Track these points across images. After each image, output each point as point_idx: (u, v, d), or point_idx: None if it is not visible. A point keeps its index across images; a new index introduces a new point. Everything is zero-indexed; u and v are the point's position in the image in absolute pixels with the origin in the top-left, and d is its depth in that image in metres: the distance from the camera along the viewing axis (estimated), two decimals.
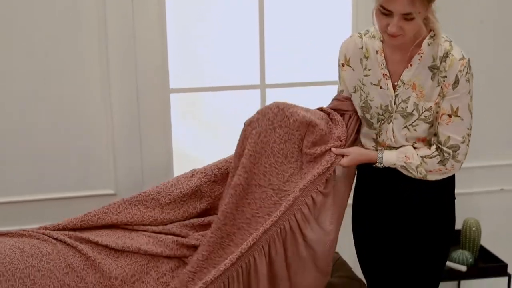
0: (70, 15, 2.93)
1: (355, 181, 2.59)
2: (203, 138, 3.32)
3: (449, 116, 2.26)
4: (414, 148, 2.35)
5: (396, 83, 2.32)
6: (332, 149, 2.40)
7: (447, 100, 2.26)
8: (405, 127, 2.33)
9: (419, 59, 2.26)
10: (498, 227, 3.59)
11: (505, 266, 3.20)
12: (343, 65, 2.45)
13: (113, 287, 2.39)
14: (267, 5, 3.15)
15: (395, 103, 2.33)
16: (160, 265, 2.48)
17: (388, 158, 2.36)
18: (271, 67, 3.23)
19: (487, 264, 3.26)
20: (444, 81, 2.24)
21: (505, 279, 3.22)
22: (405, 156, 2.33)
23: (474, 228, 3.26)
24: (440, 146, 2.30)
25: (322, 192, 2.39)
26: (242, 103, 3.29)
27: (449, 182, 2.41)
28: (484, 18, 3.33)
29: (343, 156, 2.41)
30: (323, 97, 2.62)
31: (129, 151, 3.10)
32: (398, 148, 2.37)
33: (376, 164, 2.38)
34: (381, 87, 2.35)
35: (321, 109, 2.52)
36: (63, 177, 3.07)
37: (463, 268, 3.16)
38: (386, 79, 2.33)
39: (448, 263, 3.12)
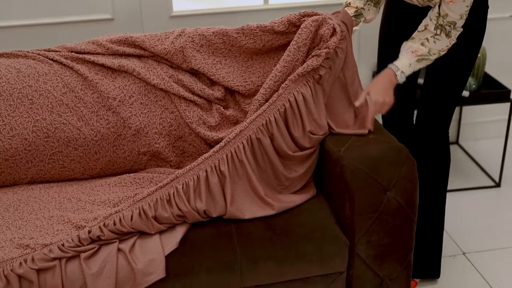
0: None
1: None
2: None
3: None
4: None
5: None
6: (355, 103, 2.28)
7: None
8: None
9: None
10: (505, 55, 3.53)
11: (508, 91, 3.17)
12: None
13: (112, 107, 2.40)
14: None
15: None
16: (157, 90, 2.46)
17: (402, 63, 2.26)
18: None
19: (490, 90, 3.23)
20: None
21: (507, 105, 3.20)
22: (412, 52, 2.25)
23: (479, 55, 3.17)
24: (439, 22, 2.19)
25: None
26: None
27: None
28: None
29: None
30: None
31: None
32: None
33: (398, 80, 2.28)
34: None
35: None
36: (60, 1, 3.00)
37: (466, 93, 3.13)
38: None
39: None
